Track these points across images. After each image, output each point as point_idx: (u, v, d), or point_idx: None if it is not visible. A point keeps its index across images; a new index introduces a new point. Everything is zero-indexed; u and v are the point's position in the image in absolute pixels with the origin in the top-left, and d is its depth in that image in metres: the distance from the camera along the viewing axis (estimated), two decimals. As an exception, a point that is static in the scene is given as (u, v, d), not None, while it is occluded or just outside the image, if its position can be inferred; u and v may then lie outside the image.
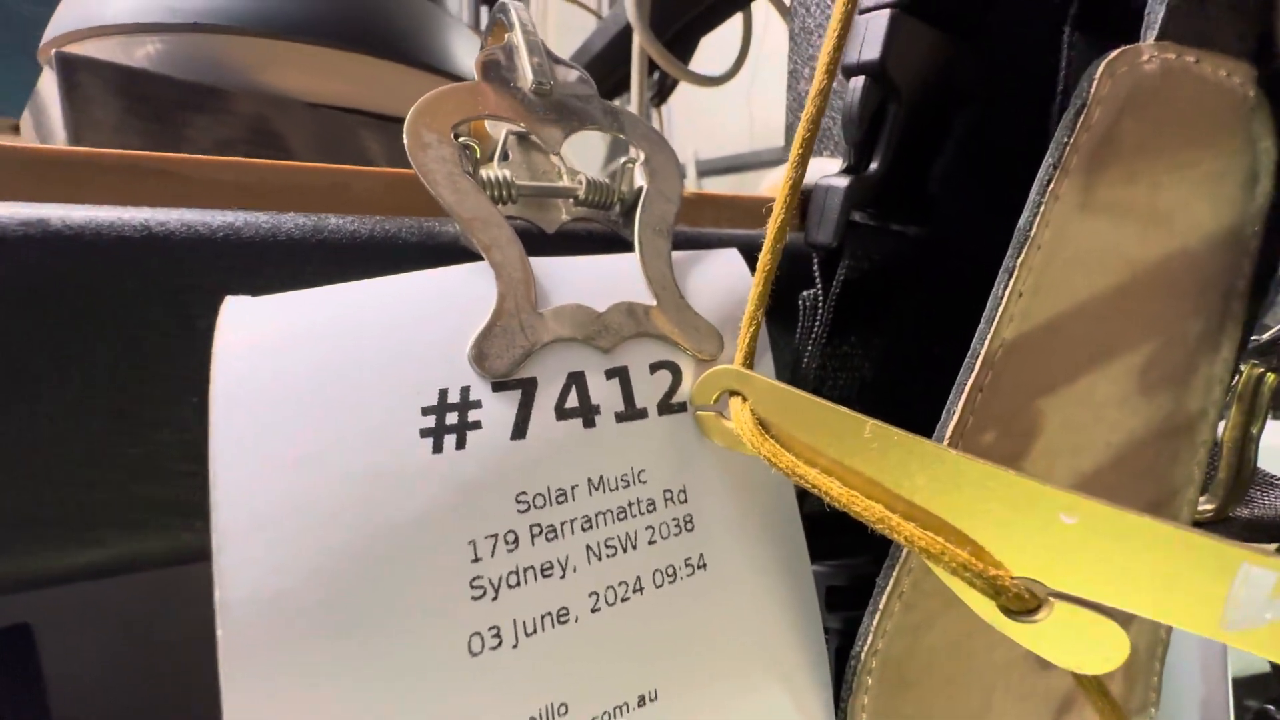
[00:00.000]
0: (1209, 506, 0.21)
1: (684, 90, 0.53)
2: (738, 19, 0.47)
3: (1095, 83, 0.12)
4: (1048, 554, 0.10)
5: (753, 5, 0.42)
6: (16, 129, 0.35)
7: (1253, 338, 0.19)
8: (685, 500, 0.12)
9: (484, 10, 0.80)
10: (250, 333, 0.10)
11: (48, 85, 0.16)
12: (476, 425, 0.10)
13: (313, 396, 0.09)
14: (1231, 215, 0.14)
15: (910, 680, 0.14)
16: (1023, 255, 0.12)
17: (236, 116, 0.17)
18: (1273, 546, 0.20)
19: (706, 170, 1.10)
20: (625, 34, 0.45)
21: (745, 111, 1.01)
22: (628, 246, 0.15)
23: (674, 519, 0.12)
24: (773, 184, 0.23)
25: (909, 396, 0.15)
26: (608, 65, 0.49)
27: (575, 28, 0.74)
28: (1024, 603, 0.10)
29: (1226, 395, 0.16)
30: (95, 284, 0.11)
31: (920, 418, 0.13)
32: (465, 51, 0.22)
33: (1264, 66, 0.13)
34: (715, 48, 0.51)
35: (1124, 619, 0.10)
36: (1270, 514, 0.19)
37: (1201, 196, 0.14)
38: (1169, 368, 0.15)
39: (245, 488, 0.08)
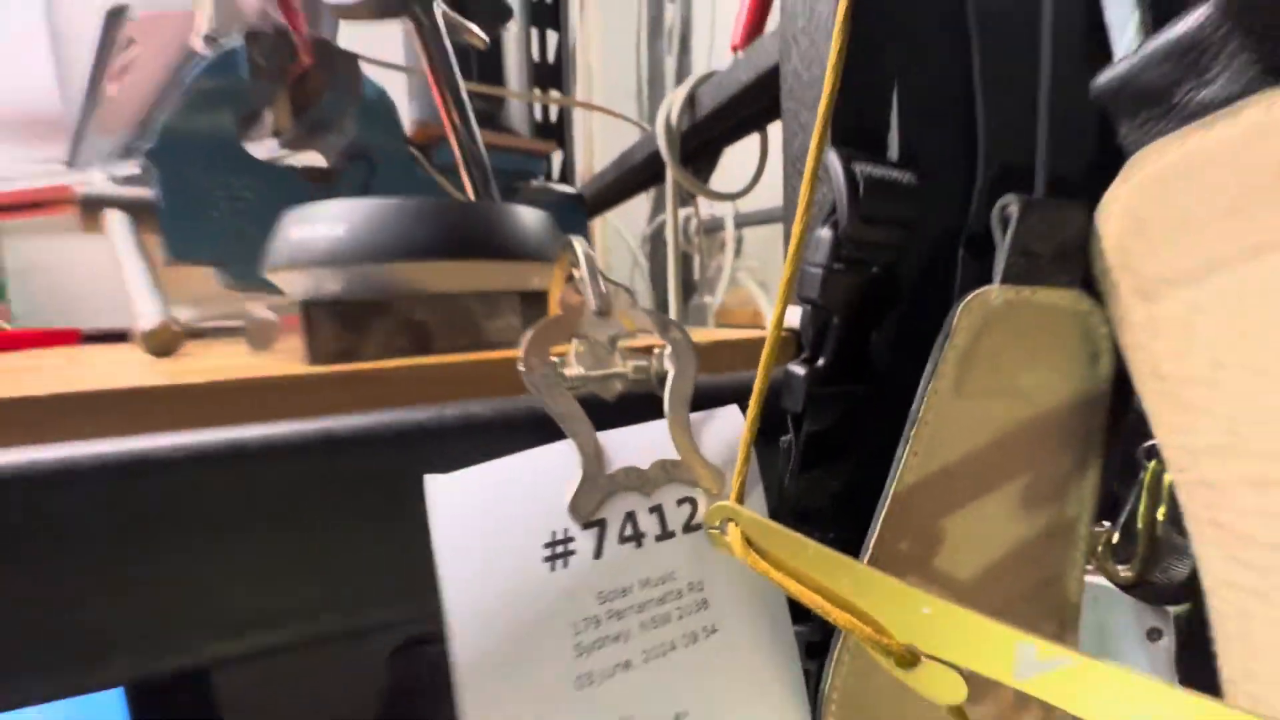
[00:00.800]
0: (1130, 574, 0.26)
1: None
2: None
3: (957, 316, 0.18)
4: (917, 631, 0.16)
5: (768, 128, 0.50)
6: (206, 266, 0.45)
7: (1149, 443, 0.25)
8: (702, 589, 0.19)
9: (534, 34, 0.98)
10: (449, 501, 0.17)
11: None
12: (573, 552, 0.18)
13: (486, 541, 0.17)
14: (1082, 384, 0.20)
15: (867, 708, 0.20)
16: (914, 429, 0.19)
17: (395, 317, 0.25)
18: (1180, 607, 0.26)
19: (744, 222, 1.17)
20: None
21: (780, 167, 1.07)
22: (661, 404, 0.22)
23: (694, 601, 0.19)
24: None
25: (866, 503, 0.21)
26: (647, 171, 0.58)
27: (618, 133, 0.84)
28: (906, 661, 0.16)
29: (1097, 500, 0.21)
30: (339, 477, 0.19)
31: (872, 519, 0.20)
32: (540, 235, 0.30)
33: (1089, 288, 0.19)
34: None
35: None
36: (1170, 581, 0.25)
37: (1054, 375, 0.20)
38: (1045, 490, 0.21)
39: (458, 598, 0.16)
